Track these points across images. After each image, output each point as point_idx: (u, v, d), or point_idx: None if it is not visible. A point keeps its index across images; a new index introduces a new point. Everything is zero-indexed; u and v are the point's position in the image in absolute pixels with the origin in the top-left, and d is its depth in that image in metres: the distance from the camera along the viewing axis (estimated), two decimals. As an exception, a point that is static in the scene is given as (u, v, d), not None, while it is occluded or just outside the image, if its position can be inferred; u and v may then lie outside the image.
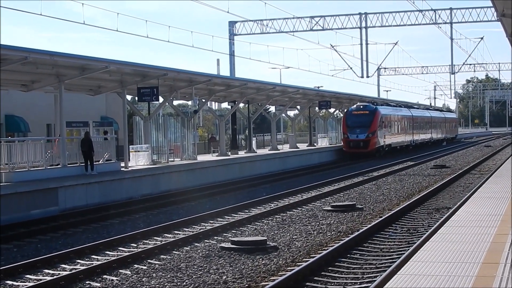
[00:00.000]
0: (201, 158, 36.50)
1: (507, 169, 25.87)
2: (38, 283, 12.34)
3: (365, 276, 12.28)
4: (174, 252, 15.01)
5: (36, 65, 24.17)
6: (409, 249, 13.81)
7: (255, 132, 57.92)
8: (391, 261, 13.32)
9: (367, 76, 60.65)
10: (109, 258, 14.55)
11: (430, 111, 79.72)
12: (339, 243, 14.84)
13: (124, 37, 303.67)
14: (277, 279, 11.89)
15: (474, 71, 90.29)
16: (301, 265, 12.93)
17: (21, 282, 12.79)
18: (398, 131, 58.96)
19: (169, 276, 12.58)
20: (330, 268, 12.85)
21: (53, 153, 25.63)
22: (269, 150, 46.32)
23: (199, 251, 14.97)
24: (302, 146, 52.22)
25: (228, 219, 20.16)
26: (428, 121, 72.57)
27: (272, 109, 62.31)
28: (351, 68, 63.99)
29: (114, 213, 22.07)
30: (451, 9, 56.13)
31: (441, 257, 9.03)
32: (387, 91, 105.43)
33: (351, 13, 57.41)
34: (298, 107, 56.40)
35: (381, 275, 11.62)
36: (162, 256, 14.51)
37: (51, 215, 21.38)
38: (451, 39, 63.03)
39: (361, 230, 16.72)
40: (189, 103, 45.68)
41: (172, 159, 33.21)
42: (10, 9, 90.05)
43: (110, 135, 31.73)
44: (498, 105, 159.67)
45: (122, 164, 28.88)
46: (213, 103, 58.04)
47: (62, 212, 22.11)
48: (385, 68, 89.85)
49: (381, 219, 18.55)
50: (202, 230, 17.57)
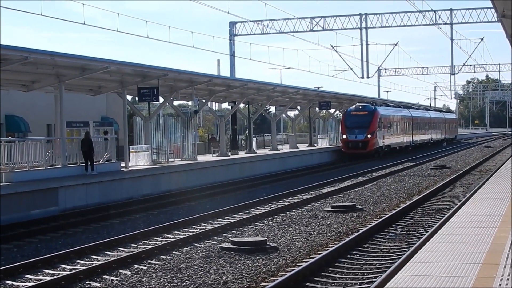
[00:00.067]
0: (201, 158, 36.52)
1: (507, 170, 25.88)
2: (38, 283, 12.34)
3: (365, 277, 12.29)
4: (174, 252, 15.01)
5: (37, 65, 24.17)
6: (409, 250, 13.82)
7: (255, 133, 57.92)
8: (391, 261, 13.32)
9: (368, 77, 60.76)
10: (109, 258, 14.55)
11: (430, 111, 79.61)
12: (339, 244, 14.84)
13: (124, 37, 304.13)
14: (277, 279, 11.90)
15: (474, 72, 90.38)
16: (301, 265, 12.93)
17: (21, 282, 12.79)
18: (397, 132, 58.72)
19: (169, 277, 12.58)
20: (330, 269, 12.86)
21: (54, 154, 25.61)
22: (269, 151, 46.32)
23: (199, 251, 14.98)
24: (302, 147, 52.22)
25: (228, 219, 20.16)
26: (428, 122, 72.45)
27: (272, 109, 62.34)
28: (351, 69, 64.13)
29: (114, 213, 22.07)
30: (451, 10, 56.18)
31: (441, 257, 9.03)
32: (387, 91, 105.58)
33: (351, 13, 57.34)
34: (298, 107, 56.41)
35: (381, 275, 11.63)
36: (162, 257, 14.51)
37: (51, 215, 21.38)
38: (451, 39, 63.14)
39: (361, 231, 16.72)
40: (189, 103, 45.79)
41: (172, 159, 33.22)
42: (10, 9, 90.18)
43: (110, 135, 31.75)
44: (498, 106, 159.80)
45: (122, 164, 28.89)
46: (213, 103, 58.12)
47: (62, 212, 22.12)
48: (385, 69, 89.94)
49: (381, 219, 18.55)
50: (202, 231, 17.57)
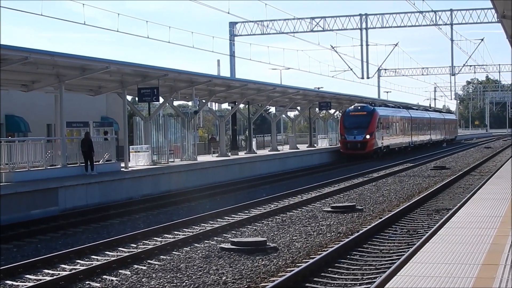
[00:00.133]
0: (201, 158, 36.52)
1: (507, 171, 25.88)
2: (38, 283, 12.34)
3: (364, 277, 12.29)
4: (174, 252, 15.01)
5: (37, 65, 24.17)
6: (409, 250, 13.82)
7: (255, 133, 57.91)
8: (391, 262, 13.32)
9: (368, 77, 60.78)
10: (109, 258, 14.55)
11: (429, 112, 79.48)
12: (339, 244, 14.84)
13: (124, 37, 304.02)
14: (276, 280, 11.90)
15: (475, 72, 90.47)
16: (301, 266, 12.93)
17: (21, 282, 12.79)
18: (396, 133, 58.51)
19: (168, 277, 12.58)
20: (330, 269, 12.85)
21: (54, 154, 25.61)
22: (269, 151, 46.33)
23: (199, 251, 14.98)
24: (302, 147, 52.21)
25: (228, 219, 20.16)
26: (427, 122, 72.31)
27: (272, 110, 62.30)
28: (351, 69, 64.17)
29: (114, 213, 22.08)
30: (451, 10, 56.17)
31: (441, 258, 9.04)
32: (387, 92, 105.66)
33: (351, 14, 57.40)
34: (298, 108, 56.41)
35: (381, 276, 11.63)
36: (162, 257, 14.51)
37: (51, 215, 21.38)
38: (452, 40, 63.18)
39: (361, 231, 16.72)
40: (189, 103, 45.75)
41: (172, 160, 33.22)
42: (10, 9, 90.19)
43: (110, 135, 31.75)
44: (498, 107, 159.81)
45: (122, 165, 28.89)
46: (213, 103, 58.12)
47: (62, 212, 22.12)
48: (385, 69, 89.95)
49: (381, 220, 18.55)
50: (202, 231, 17.58)
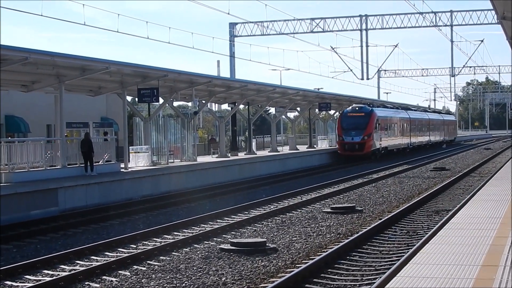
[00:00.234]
0: (201, 159, 36.53)
1: (507, 172, 25.89)
2: (38, 283, 12.34)
3: (364, 278, 12.29)
4: (173, 253, 15.01)
5: (37, 65, 24.17)
6: (408, 251, 13.82)
7: (255, 134, 57.92)
8: (390, 263, 13.33)
9: (367, 78, 60.73)
10: (108, 259, 14.55)
11: (428, 113, 79.36)
12: (339, 245, 14.84)
13: (124, 37, 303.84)
14: (276, 280, 11.91)
15: (474, 73, 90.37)
16: (300, 267, 12.93)
17: (20, 282, 12.79)
18: (395, 134, 58.25)
19: (168, 277, 12.59)
20: (329, 270, 12.86)
21: (54, 154, 25.60)
22: (269, 152, 46.33)
23: (198, 252, 14.98)
24: (302, 148, 52.21)
25: (228, 220, 20.16)
26: (426, 124, 72.15)
27: (272, 110, 62.29)
28: (351, 70, 64.11)
29: (114, 214, 22.08)
30: (451, 11, 56.17)
31: (440, 259, 9.04)
32: (387, 93, 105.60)
33: (351, 15, 57.33)
34: (298, 108, 56.41)
35: (381, 277, 11.63)
36: (161, 257, 14.51)
37: (51, 215, 21.38)
38: (452, 41, 63.25)
39: (360, 232, 16.73)
40: (189, 104, 45.73)
41: (172, 160, 33.23)
42: (10, 9, 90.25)
43: (110, 136, 31.74)
44: (498, 108, 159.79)
45: (122, 165, 28.89)
46: (213, 104, 58.09)
47: (62, 213, 22.12)
48: (385, 70, 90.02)
49: (380, 221, 18.56)
50: (201, 232, 17.58)
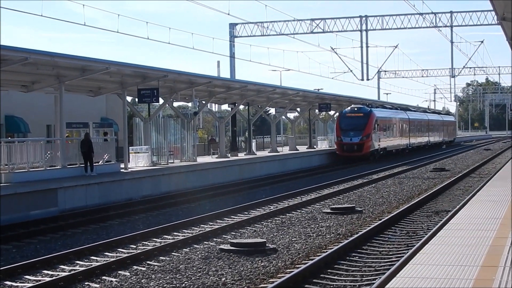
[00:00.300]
0: (200, 159, 36.53)
1: (507, 173, 25.89)
2: (37, 283, 12.33)
3: (364, 279, 12.29)
4: (173, 253, 15.01)
5: (37, 66, 24.17)
6: (408, 252, 13.82)
7: (255, 134, 57.93)
8: (390, 263, 13.33)
9: (367, 79, 60.66)
10: (108, 259, 14.55)
11: (428, 113, 79.26)
12: (338, 246, 14.84)
13: (124, 38, 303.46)
14: (276, 281, 11.90)
15: (474, 74, 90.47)
16: (300, 267, 12.93)
17: (20, 282, 12.79)
18: (393, 134, 58.05)
19: (168, 278, 12.58)
20: (329, 271, 12.86)
21: (54, 154, 25.60)
22: (268, 152, 46.33)
23: (198, 252, 14.98)
24: (302, 149, 52.21)
25: (228, 221, 20.16)
26: (426, 124, 71.99)
27: (272, 111, 62.28)
28: (351, 71, 64.07)
29: (114, 214, 22.07)
30: (451, 12, 56.14)
31: (440, 260, 9.04)
32: (387, 94, 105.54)
33: (351, 15, 57.43)
34: (298, 109, 56.41)
35: (380, 277, 11.63)
36: (161, 258, 14.51)
37: (50, 216, 21.38)
38: (451, 42, 63.17)
39: (360, 233, 16.73)
40: (189, 104, 45.69)
41: (172, 161, 33.23)
42: (10, 9, 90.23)
43: (110, 136, 31.75)
44: (498, 109, 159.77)
45: (122, 165, 28.90)
46: (213, 105, 58.13)
47: (61, 213, 22.12)
48: (385, 71, 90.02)
49: (380, 221, 18.55)
50: (201, 232, 17.58)
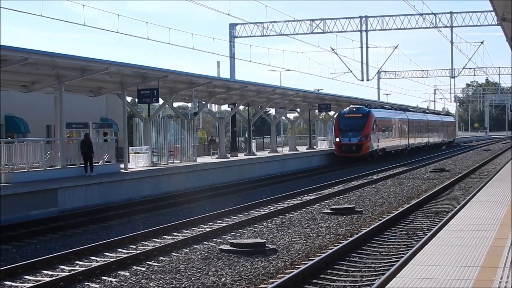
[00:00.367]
0: (200, 160, 36.53)
1: (507, 173, 25.89)
2: (37, 284, 12.33)
3: (364, 279, 12.30)
4: (173, 254, 15.01)
5: (37, 66, 24.17)
6: (408, 253, 13.82)
7: (255, 135, 57.95)
8: (390, 264, 13.33)
9: (367, 79, 60.69)
10: (108, 259, 14.55)
11: (427, 114, 79.18)
12: (338, 246, 14.84)
13: (124, 38, 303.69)
14: (275, 281, 11.91)
15: (474, 75, 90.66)
16: (300, 267, 12.93)
17: (20, 282, 12.79)
18: (393, 135, 57.89)
19: (168, 278, 12.58)
20: (329, 271, 12.86)
21: (53, 155, 25.60)
22: (268, 153, 46.33)
23: (198, 253, 14.98)
24: (302, 149, 52.20)
25: (227, 221, 20.17)
26: (425, 125, 71.84)
27: (272, 111, 62.29)
28: (351, 71, 64.08)
29: (114, 214, 22.07)
30: (451, 13, 56.18)
31: (440, 260, 9.04)
32: (387, 94, 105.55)
33: (351, 16, 57.42)
34: (298, 109, 56.41)
35: (380, 278, 11.64)
36: (161, 258, 14.51)
37: (50, 216, 21.38)
38: (451, 43, 63.19)
39: (360, 233, 16.73)
40: (189, 105, 45.79)
41: (172, 161, 33.24)
42: (10, 9, 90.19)
43: (109, 136, 31.75)
44: (498, 109, 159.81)
45: (122, 166, 28.90)
46: (213, 105, 58.10)
47: (61, 213, 22.12)
48: (385, 72, 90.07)
49: (380, 222, 18.56)
50: (201, 232, 17.58)
